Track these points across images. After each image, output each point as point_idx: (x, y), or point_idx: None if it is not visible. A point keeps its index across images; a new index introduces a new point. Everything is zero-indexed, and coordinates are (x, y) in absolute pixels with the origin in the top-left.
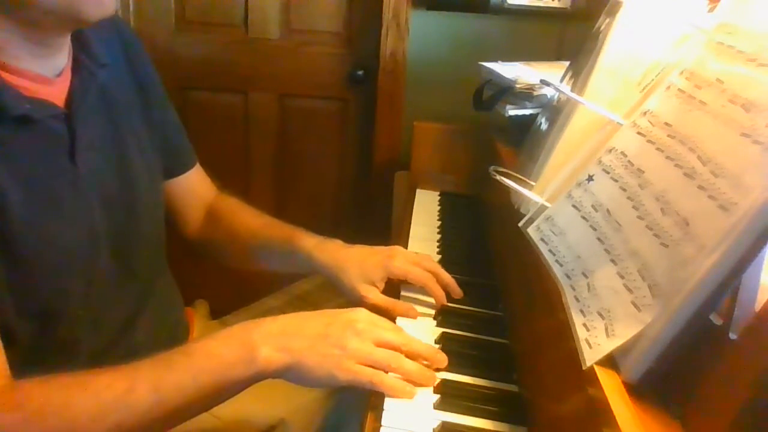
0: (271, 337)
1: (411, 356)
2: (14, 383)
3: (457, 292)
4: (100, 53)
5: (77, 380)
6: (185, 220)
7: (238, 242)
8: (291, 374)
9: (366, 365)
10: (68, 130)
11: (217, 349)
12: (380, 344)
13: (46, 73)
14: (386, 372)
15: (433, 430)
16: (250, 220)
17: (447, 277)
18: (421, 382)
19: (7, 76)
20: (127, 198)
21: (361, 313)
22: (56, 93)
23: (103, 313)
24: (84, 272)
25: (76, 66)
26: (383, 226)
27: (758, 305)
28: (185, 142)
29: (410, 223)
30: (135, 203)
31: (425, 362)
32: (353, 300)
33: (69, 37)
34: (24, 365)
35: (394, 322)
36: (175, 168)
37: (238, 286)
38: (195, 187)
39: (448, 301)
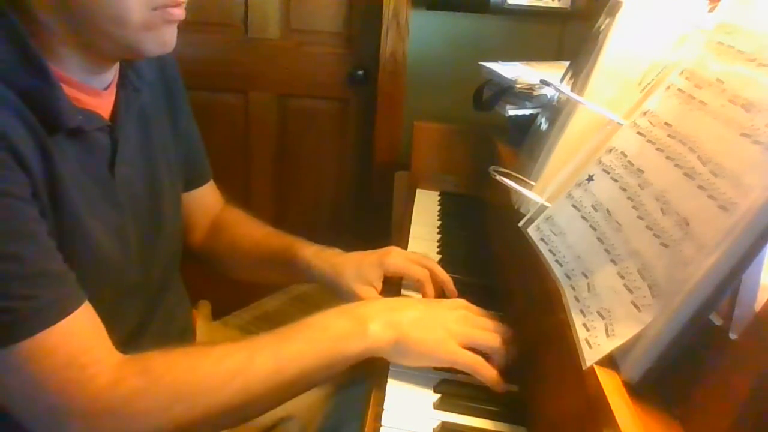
0: (380, 312)
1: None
2: (130, 355)
3: (453, 290)
4: (145, 70)
5: (197, 349)
6: (192, 231)
7: (240, 252)
8: (395, 349)
9: (467, 348)
10: (111, 141)
11: (332, 322)
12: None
13: (96, 86)
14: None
15: (433, 430)
16: (251, 231)
17: (443, 275)
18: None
19: (67, 89)
20: (154, 211)
21: (460, 301)
22: (103, 105)
23: (117, 320)
24: (115, 281)
25: (122, 81)
26: (383, 226)
27: (758, 305)
28: (204, 158)
29: (410, 223)
30: (160, 217)
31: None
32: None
33: None
34: None
35: None
36: (191, 182)
37: (238, 287)
38: (206, 201)
39: None
